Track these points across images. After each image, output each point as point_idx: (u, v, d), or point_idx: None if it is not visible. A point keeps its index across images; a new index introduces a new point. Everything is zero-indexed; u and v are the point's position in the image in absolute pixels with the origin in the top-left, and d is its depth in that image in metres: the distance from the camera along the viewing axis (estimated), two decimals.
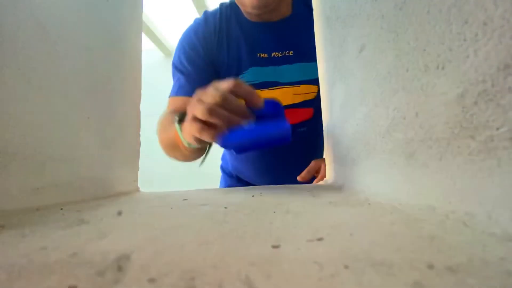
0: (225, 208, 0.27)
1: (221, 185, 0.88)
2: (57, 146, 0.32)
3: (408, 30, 0.22)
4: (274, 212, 0.24)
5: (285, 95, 0.53)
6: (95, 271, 0.12)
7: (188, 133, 0.38)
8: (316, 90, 0.55)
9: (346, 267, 0.12)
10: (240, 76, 0.54)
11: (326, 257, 0.13)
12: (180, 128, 0.44)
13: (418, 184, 0.22)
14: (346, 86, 0.37)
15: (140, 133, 0.52)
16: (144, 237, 0.17)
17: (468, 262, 0.12)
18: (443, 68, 0.19)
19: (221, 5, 0.58)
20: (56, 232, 0.19)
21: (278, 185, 0.48)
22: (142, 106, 0.53)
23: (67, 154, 0.33)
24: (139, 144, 0.52)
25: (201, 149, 0.48)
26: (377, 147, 0.28)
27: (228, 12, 0.55)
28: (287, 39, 0.53)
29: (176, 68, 0.58)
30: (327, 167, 0.50)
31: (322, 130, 0.55)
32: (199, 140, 0.38)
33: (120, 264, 0.13)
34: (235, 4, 0.54)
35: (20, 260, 0.14)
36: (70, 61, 0.34)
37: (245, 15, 0.53)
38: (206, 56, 0.54)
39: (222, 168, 0.82)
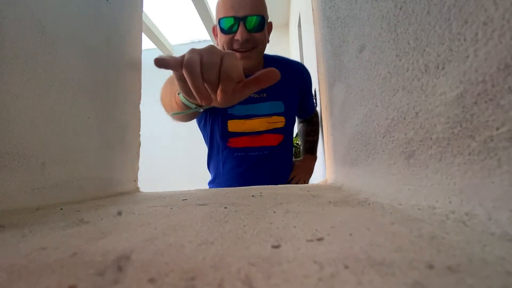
0: (225, 208, 0.27)
1: None
2: (57, 146, 0.32)
3: (408, 30, 0.22)
4: (274, 212, 0.24)
5: (261, 123, 0.79)
6: (95, 271, 0.12)
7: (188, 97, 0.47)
8: (283, 120, 0.80)
9: (346, 267, 0.12)
10: (229, 110, 0.77)
11: (326, 257, 0.13)
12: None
13: (418, 184, 0.22)
14: (346, 86, 0.37)
15: (140, 133, 0.52)
16: (144, 237, 0.17)
17: (468, 262, 0.12)
18: (443, 68, 0.19)
19: None
20: (56, 232, 0.19)
21: (278, 185, 0.48)
22: (142, 106, 0.53)
23: (67, 154, 0.33)
24: (139, 144, 0.52)
25: (188, 115, 0.64)
26: (377, 147, 0.28)
27: None
28: None
29: None
30: (327, 167, 0.51)
31: (285, 155, 0.85)
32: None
33: (120, 264, 0.13)
34: None
35: (20, 260, 0.14)
36: (70, 61, 0.34)
37: None
38: None
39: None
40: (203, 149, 1.09)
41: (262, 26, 0.71)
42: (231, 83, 0.33)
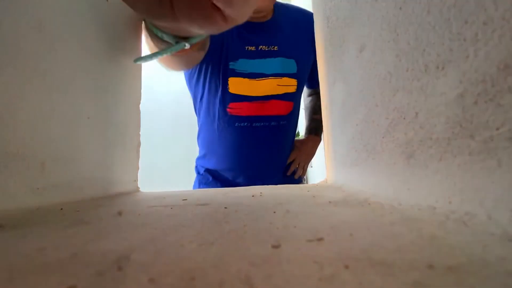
0: (225, 208, 0.27)
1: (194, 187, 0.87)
2: (57, 146, 0.32)
3: (408, 30, 0.22)
4: (274, 212, 0.24)
5: (270, 86, 0.62)
6: (95, 271, 0.12)
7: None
8: (295, 83, 0.65)
9: (346, 267, 0.12)
10: (230, 64, 0.61)
11: (326, 257, 0.13)
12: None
13: (418, 184, 0.22)
14: (346, 86, 0.37)
15: (140, 133, 0.52)
16: (144, 237, 0.17)
17: (468, 262, 0.12)
18: (443, 68, 0.19)
19: None
20: (56, 232, 0.19)
21: (278, 185, 0.48)
22: (142, 106, 0.53)
23: (67, 154, 0.33)
24: (139, 144, 0.52)
25: (179, 60, 0.46)
26: (377, 147, 0.28)
27: None
28: (272, 36, 0.61)
29: None
30: (327, 167, 0.51)
31: (292, 130, 0.72)
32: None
33: (120, 264, 0.13)
34: None
35: (20, 260, 0.14)
36: (70, 61, 0.34)
37: None
38: None
39: (197, 169, 0.84)
40: None
41: None
42: None
